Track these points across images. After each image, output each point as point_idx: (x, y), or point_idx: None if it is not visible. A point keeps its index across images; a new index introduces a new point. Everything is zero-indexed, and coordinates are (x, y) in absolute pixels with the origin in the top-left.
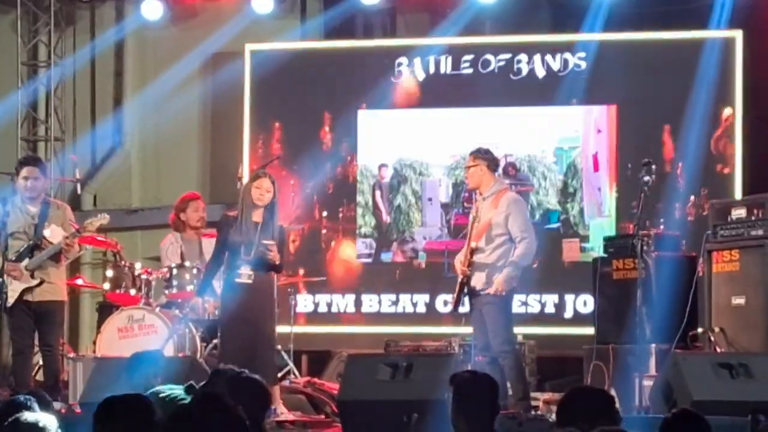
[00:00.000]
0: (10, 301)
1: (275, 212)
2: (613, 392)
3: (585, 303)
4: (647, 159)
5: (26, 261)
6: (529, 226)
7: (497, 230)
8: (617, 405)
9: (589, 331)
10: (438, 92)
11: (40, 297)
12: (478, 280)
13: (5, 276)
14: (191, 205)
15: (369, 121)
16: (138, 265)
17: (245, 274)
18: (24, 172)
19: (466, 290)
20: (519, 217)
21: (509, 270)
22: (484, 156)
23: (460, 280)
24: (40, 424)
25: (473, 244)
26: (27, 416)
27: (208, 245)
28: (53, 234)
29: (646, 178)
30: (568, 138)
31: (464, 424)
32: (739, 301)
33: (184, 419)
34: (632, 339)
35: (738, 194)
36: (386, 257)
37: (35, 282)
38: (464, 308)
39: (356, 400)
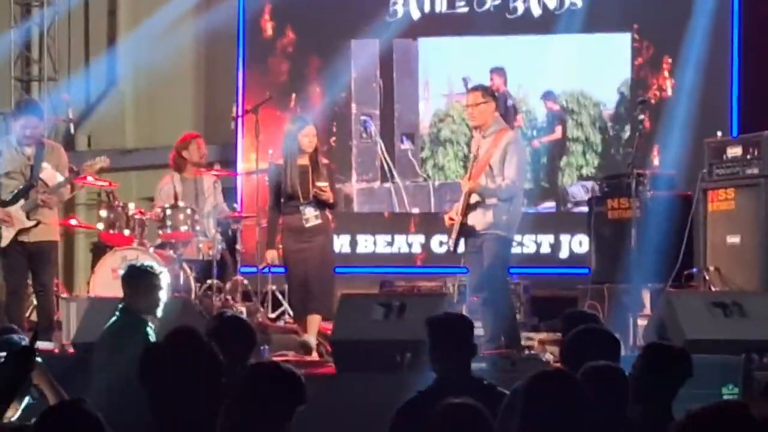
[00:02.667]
0: (5, 242)
1: (318, 155)
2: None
3: (580, 243)
4: (642, 98)
5: (21, 202)
6: (522, 174)
7: (496, 169)
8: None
9: (585, 271)
10: (433, 31)
11: (34, 237)
12: (477, 220)
13: None
14: (193, 143)
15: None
16: (132, 206)
17: (312, 216)
18: (23, 121)
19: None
20: (514, 160)
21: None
22: (492, 94)
23: (459, 219)
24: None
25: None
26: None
27: (207, 185)
28: (47, 176)
29: (641, 117)
30: None
31: (440, 365)
32: (734, 240)
33: (154, 355)
34: (627, 278)
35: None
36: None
37: (31, 223)
38: (461, 249)
39: (349, 339)
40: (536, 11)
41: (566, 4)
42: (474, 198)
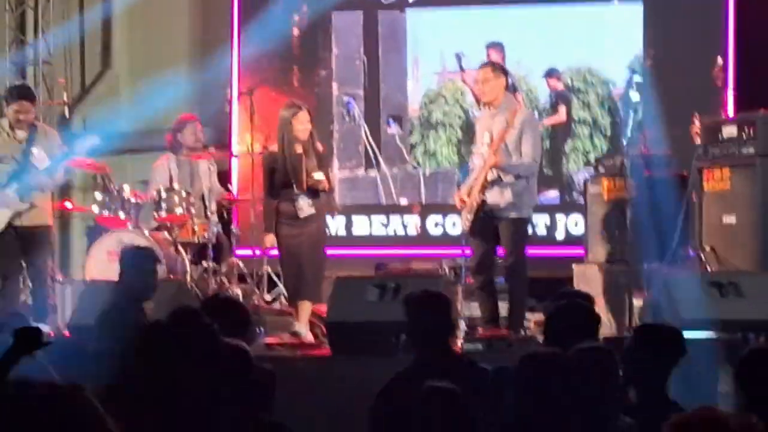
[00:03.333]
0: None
1: (314, 140)
2: (604, 312)
3: (576, 224)
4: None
5: (15, 186)
6: (538, 151)
7: (512, 147)
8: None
9: (581, 251)
10: (424, 1)
11: (27, 222)
12: (494, 198)
13: None
14: (188, 126)
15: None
16: (127, 188)
17: (305, 206)
18: (15, 106)
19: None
20: (531, 139)
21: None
22: (502, 70)
23: (479, 197)
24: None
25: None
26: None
27: (203, 167)
28: (39, 158)
29: (635, 97)
30: None
31: (418, 344)
32: (729, 219)
33: (157, 335)
34: (623, 259)
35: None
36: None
37: (25, 206)
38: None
39: (344, 321)
40: None
41: None
42: (491, 175)
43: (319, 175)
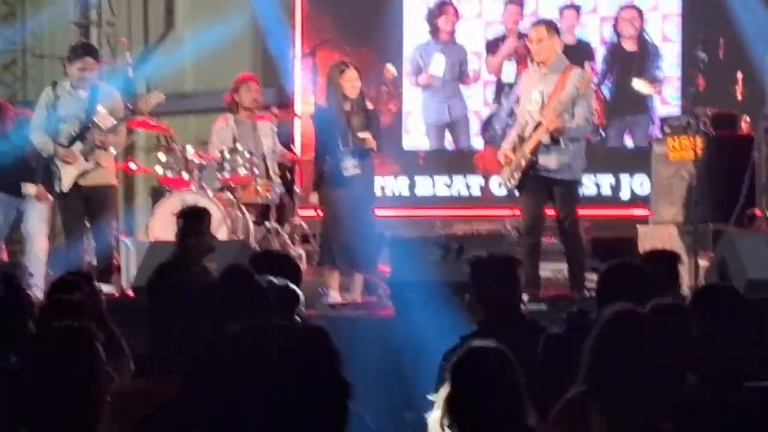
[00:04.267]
0: (66, 186)
1: (364, 99)
2: None
3: (641, 184)
4: (703, 35)
5: (79, 145)
6: (590, 112)
7: (565, 107)
8: None
9: (645, 212)
10: None
11: (92, 181)
12: (549, 161)
13: (59, 161)
14: (243, 86)
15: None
16: (190, 149)
17: (350, 166)
18: (79, 63)
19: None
20: (584, 100)
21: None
22: (556, 29)
23: (529, 158)
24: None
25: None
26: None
27: (264, 128)
28: (102, 118)
29: (702, 55)
30: None
31: (483, 307)
32: None
33: (210, 291)
34: (688, 219)
35: None
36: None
37: (90, 165)
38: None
39: (407, 281)
40: None
41: None
42: (546, 138)
43: (364, 134)
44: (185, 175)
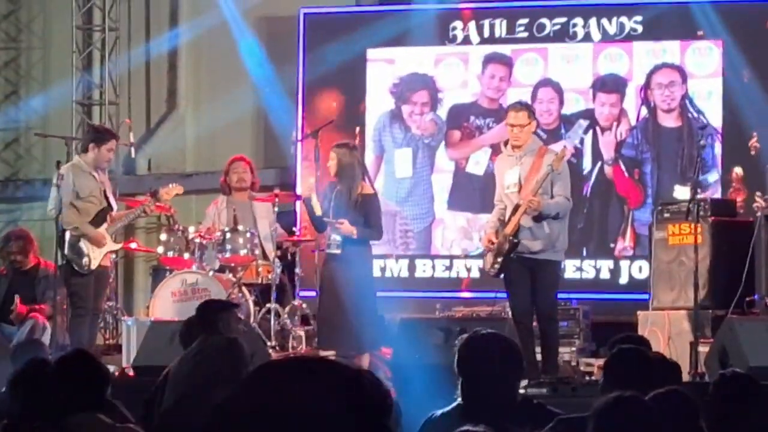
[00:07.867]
0: (95, 263)
1: (354, 181)
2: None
3: (640, 269)
4: (704, 123)
5: (104, 225)
6: (569, 190)
7: (542, 188)
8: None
9: (645, 297)
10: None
11: (103, 262)
12: (530, 241)
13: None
14: (232, 167)
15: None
16: (191, 229)
17: (333, 243)
18: (110, 144)
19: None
20: (562, 179)
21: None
22: (535, 114)
23: (510, 240)
24: None
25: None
26: None
27: (261, 209)
28: (112, 199)
29: (702, 142)
30: None
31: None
32: None
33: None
34: (688, 304)
35: None
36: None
37: (118, 246)
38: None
39: (408, 364)
40: (596, 36)
41: (626, 29)
42: (527, 220)
43: (337, 221)
44: (186, 255)
